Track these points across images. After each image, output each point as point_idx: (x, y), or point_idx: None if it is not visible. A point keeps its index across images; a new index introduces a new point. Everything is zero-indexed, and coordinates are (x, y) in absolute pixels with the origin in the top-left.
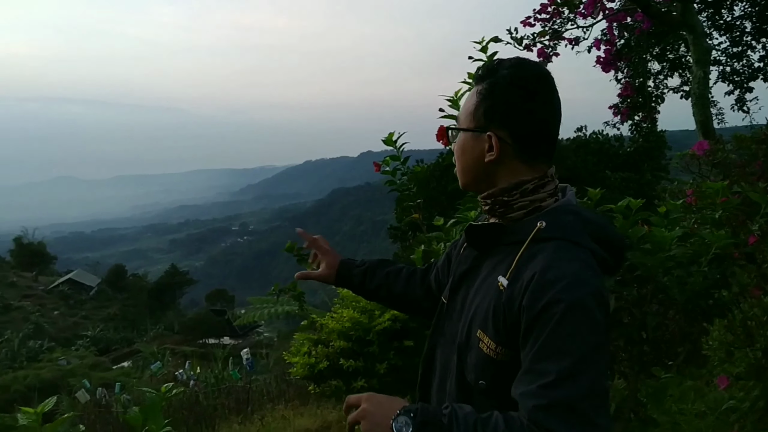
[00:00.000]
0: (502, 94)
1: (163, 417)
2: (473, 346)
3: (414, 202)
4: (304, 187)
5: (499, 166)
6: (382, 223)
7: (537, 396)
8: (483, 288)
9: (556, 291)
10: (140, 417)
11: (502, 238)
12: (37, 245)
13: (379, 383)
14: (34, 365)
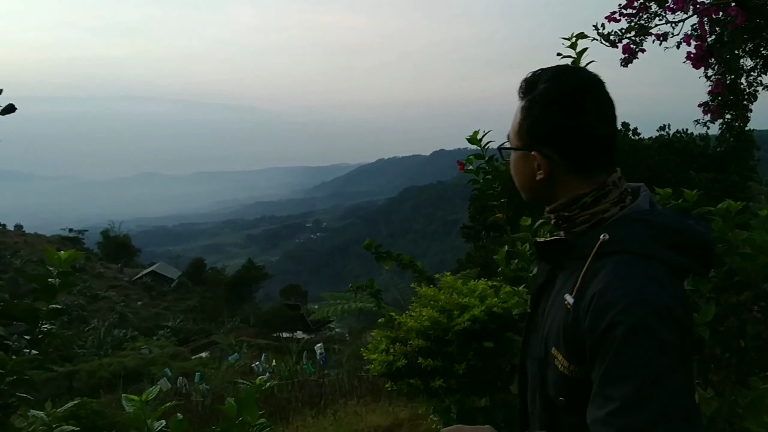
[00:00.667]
0: (541, 112)
1: (257, 408)
2: (550, 363)
3: (498, 201)
4: (377, 185)
5: (552, 183)
6: (454, 222)
7: (605, 423)
8: (555, 304)
9: (615, 313)
10: (235, 408)
11: (568, 253)
12: (123, 238)
13: (457, 383)
14: (118, 353)
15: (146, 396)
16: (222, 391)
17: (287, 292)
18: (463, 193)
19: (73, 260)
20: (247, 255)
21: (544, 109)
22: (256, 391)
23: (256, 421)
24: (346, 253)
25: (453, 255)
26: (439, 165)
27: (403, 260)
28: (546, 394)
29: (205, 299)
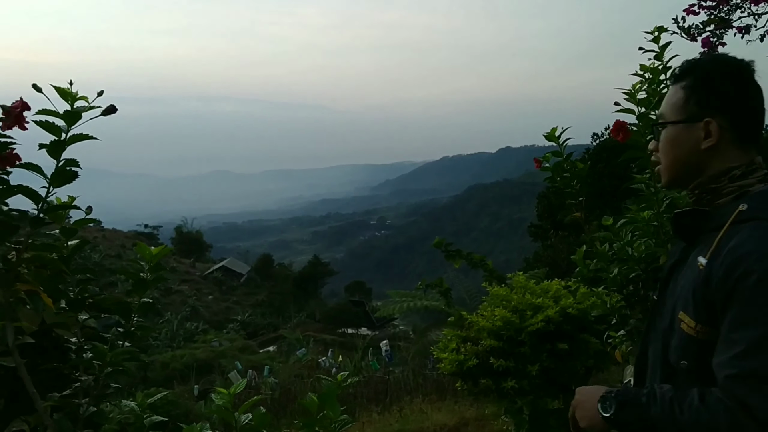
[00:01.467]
0: (714, 84)
1: (339, 405)
2: (675, 328)
3: (576, 199)
4: (441, 183)
5: (713, 153)
6: (520, 221)
7: (728, 366)
8: (687, 273)
9: (749, 263)
10: (316, 402)
11: (706, 224)
12: (195, 234)
13: (529, 385)
14: (190, 345)
15: (234, 389)
16: (290, 384)
17: (352, 288)
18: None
19: (163, 256)
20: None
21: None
22: (337, 387)
23: (338, 416)
24: (410, 250)
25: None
26: (506, 162)
27: (473, 259)
28: (667, 363)
29: (272, 294)
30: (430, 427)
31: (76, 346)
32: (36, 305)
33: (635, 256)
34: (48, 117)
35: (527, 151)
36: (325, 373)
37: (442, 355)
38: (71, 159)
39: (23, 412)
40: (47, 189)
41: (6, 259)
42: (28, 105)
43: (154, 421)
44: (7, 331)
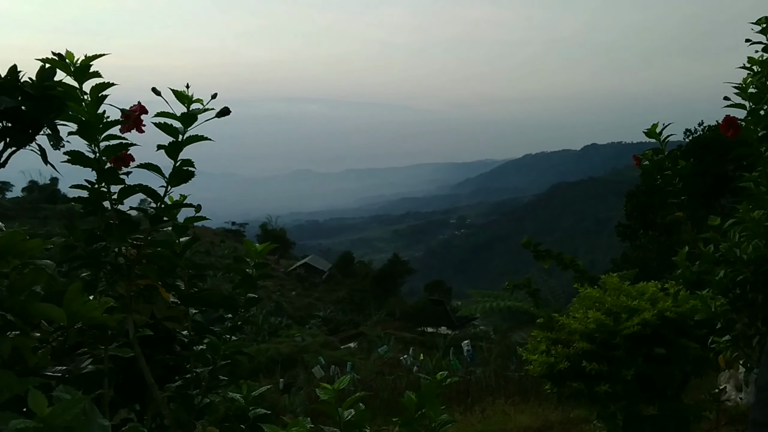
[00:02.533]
0: None
1: (438, 403)
2: None
3: (678, 198)
4: (523, 181)
5: None
6: (607, 220)
7: None
8: None
9: None
10: (414, 400)
11: None
12: (279, 231)
13: (623, 389)
14: (274, 340)
15: (338, 385)
16: (371, 381)
17: (431, 287)
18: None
19: (268, 252)
20: (392, 249)
21: None
22: (437, 386)
23: (438, 416)
24: (490, 250)
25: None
26: (591, 160)
27: (563, 259)
28: None
29: (353, 291)
30: (513, 430)
31: (188, 338)
32: (155, 299)
33: (743, 259)
34: (166, 119)
35: (613, 148)
36: (405, 371)
37: (531, 357)
38: (187, 159)
39: (131, 401)
40: (165, 188)
41: (127, 254)
42: (145, 108)
43: (258, 413)
44: (128, 324)
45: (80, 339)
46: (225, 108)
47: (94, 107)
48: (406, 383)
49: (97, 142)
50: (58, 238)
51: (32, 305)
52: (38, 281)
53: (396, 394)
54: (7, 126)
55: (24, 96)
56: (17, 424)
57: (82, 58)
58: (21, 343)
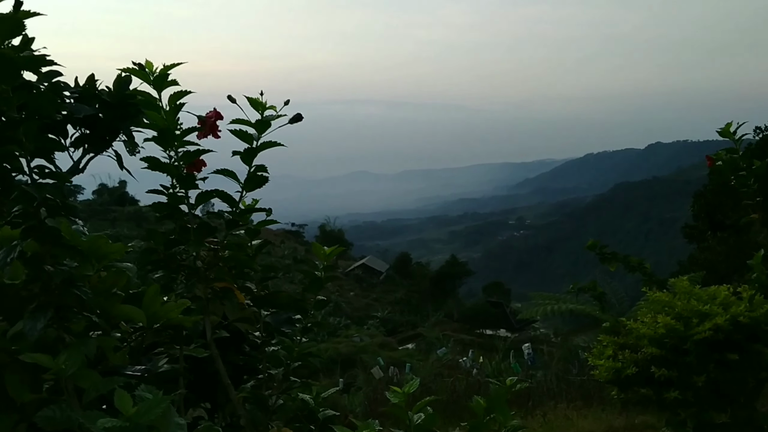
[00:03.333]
0: None
1: (508, 408)
2: None
3: (753, 200)
4: (584, 181)
5: None
6: (672, 221)
7: None
8: None
9: None
10: (483, 405)
11: None
12: (337, 232)
13: (694, 396)
14: (333, 340)
15: (408, 388)
16: (430, 383)
17: (490, 289)
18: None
19: (336, 255)
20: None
21: None
22: (506, 391)
23: (509, 421)
24: (550, 251)
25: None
26: (655, 159)
27: (630, 262)
28: None
29: (410, 292)
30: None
31: (260, 340)
32: (231, 302)
33: None
34: (241, 126)
35: (679, 147)
36: (465, 373)
37: (597, 362)
38: (261, 165)
39: (203, 400)
40: (240, 193)
41: (203, 257)
42: (221, 115)
43: (327, 414)
44: (206, 325)
45: (156, 339)
46: (298, 114)
47: (172, 115)
48: (465, 386)
49: (175, 149)
50: (137, 242)
51: (113, 306)
52: (119, 283)
53: (455, 397)
54: (85, 133)
55: (101, 104)
56: (105, 422)
57: (160, 67)
58: (104, 342)
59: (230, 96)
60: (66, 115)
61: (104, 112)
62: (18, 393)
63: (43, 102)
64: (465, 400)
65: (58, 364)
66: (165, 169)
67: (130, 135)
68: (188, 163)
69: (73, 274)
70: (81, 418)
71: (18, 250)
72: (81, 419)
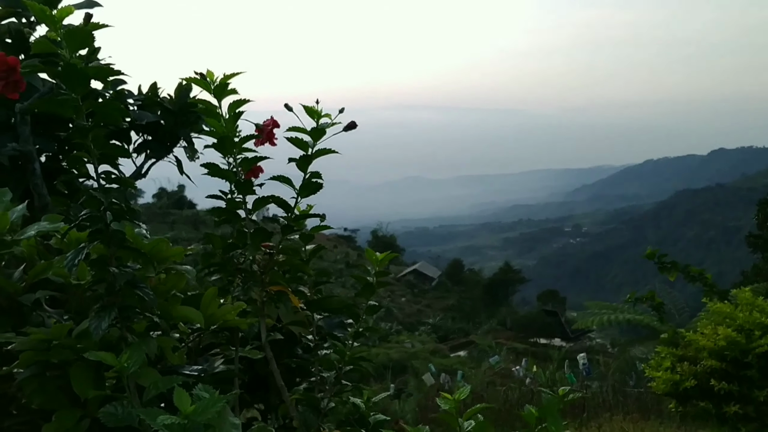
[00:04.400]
0: None
1: (560, 419)
2: None
3: None
4: (644, 188)
5: None
6: (735, 230)
7: None
8: None
9: None
10: (535, 414)
11: None
12: (390, 238)
13: (755, 411)
14: (385, 345)
15: (459, 395)
16: (482, 391)
17: (545, 297)
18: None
19: (390, 260)
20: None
21: None
22: (559, 401)
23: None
24: (607, 260)
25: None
26: (718, 166)
27: (691, 272)
28: None
29: (462, 299)
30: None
31: (313, 343)
32: (285, 305)
33: None
34: (297, 134)
35: (743, 153)
36: (518, 382)
37: (655, 374)
38: (315, 171)
39: (256, 401)
40: (296, 199)
41: (260, 261)
42: (278, 123)
43: (378, 419)
44: (261, 328)
45: (213, 340)
46: (352, 122)
47: (231, 123)
48: (518, 395)
49: (234, 155)
50: (197, 245)
51: (173, 308)
52: (178, 285)
53: (508, 406)
54: (147, 139)
55: (163, 111)
56: (164, 419)
57: (221, 76)
58: (164, 342)
59: (287, 104)
60: (130, 122)
61: (165, 119)
62: (82, 389)
63: (109, 110)
64: (517, 409)
65: (120, 362)
66: (224, 175)
67: (190, 141)
68: (247, 169)
69: (135, 276)
70: (142, 415)
71: (85, 252)
72: (142, 416)
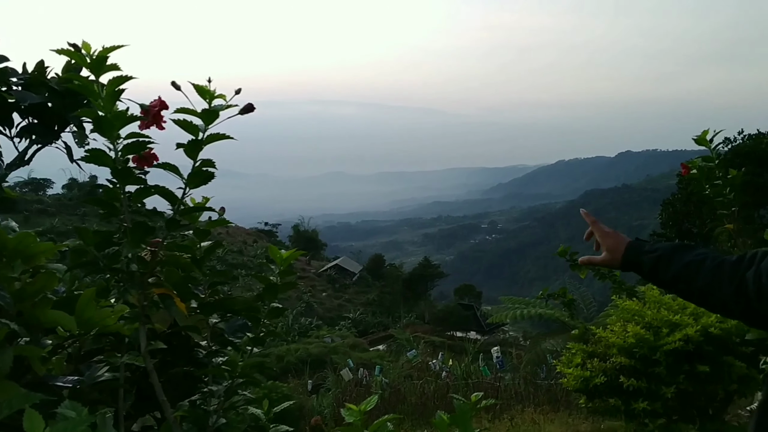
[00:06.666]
0: None
1: (472, 426)
2: None
3: (728, 209)
4: (556, 188)
5: None
6: (640, 228)
7: None
8: None
9: None
10: (446, 422)
11: None
12: (311, 233)
13: (663, 407)
14: (304, 340)
15: (364, 406)
16: (399, 385)
17: (461, 291)
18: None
19: (295, 259)
20: (423, 253)
21: None
22: (471, 409)
23: None
24: (521, 255)
25: None
26: (625, 167)
27: (601, 270)
28: None
29: (383, 294)
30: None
31: (206, 350)
32: (169, 309)
33: None
34: (186, 116)
35: (648, 156)
36: (434, 375)
37: (566, 371)
38: (207, 159)
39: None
40: (183, 190)
41: (141, 261)
42: (166, 104)
43: (280, 431)
44: (140, 336)
45: (98, 346)
46: (249, 104)
47: (110, 102)
48: (435, 388)
49: (116, 140)
50: (72, 241)
51: (42, 312)
52: (49, 286)
53: (424, 399)
54: (33, 123)
55: (50, 92)
56: None
57: (99, 49)
58: (29, 351)
59: (174, 82)
60: (12, 104)
61: (53, 100)
62: None
63: None
64: (434, 402)
65: None
66: (104, 162)
67: (80, 125)
68: (132, 155)
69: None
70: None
71: None
72: None
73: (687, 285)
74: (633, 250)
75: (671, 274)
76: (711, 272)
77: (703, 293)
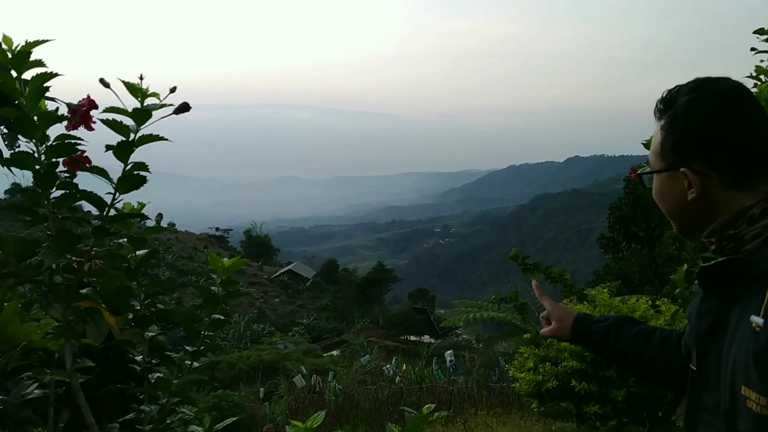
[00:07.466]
0: (687, 124)
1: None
2: (741, 408)
3: None
4: (507, 192)
5: (708, 201)
6: (588, 232)
7: None
8: (737, 338)
9: None
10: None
11: (744, 275)
12: (264, 238)
13: (614, 410)
14: (256, 347)
15: (311, 423)
16: (353, 391)
17: (415, 295)
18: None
19: (238, 268)
20: (377, 257)
21: (691, 120)
22: (422, 422)
23: None
24: (473, 259)
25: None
26: (573, 172)
27: (552, 273)
28: None
29: (337, 299)
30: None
31: (141, 366)
32: (97, 323)
33: None
34: (116, 115)
35: (596, 161)
36: (388, 381)
37: (518, 375)
38: (140, 162)
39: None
40: (113, 195)
41: (69, 271)
42: (95, 103)
43: None
44: (66, 355)
45: (26, 362)
46: (184, 103)
47: (32, 100)
48: (388, 393)
49: (41, 141)
50: None
51: None
52: None
53: (378, 404)
54: None
55: None
56: None
57: (22, 43)
58: None
59: (102, 79)
60: None
61: None
62: None
63: None
64: (387, 408)
65: None
66: (25, 165)
67: (10, 126)
68: (57, 157)
69: None
70: None
71: None
72: None
73: (638, 356)
74: (582, 320)
75: (622, 345)
76: (660, 344)
77: (652, 364)
